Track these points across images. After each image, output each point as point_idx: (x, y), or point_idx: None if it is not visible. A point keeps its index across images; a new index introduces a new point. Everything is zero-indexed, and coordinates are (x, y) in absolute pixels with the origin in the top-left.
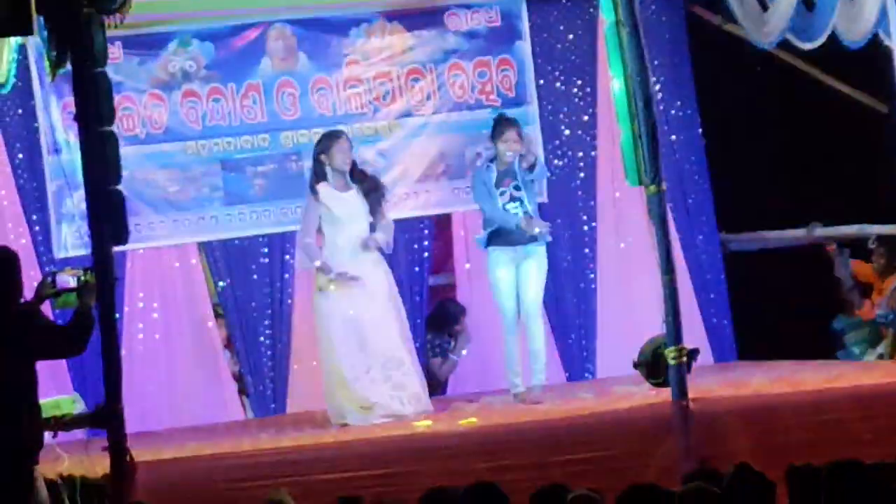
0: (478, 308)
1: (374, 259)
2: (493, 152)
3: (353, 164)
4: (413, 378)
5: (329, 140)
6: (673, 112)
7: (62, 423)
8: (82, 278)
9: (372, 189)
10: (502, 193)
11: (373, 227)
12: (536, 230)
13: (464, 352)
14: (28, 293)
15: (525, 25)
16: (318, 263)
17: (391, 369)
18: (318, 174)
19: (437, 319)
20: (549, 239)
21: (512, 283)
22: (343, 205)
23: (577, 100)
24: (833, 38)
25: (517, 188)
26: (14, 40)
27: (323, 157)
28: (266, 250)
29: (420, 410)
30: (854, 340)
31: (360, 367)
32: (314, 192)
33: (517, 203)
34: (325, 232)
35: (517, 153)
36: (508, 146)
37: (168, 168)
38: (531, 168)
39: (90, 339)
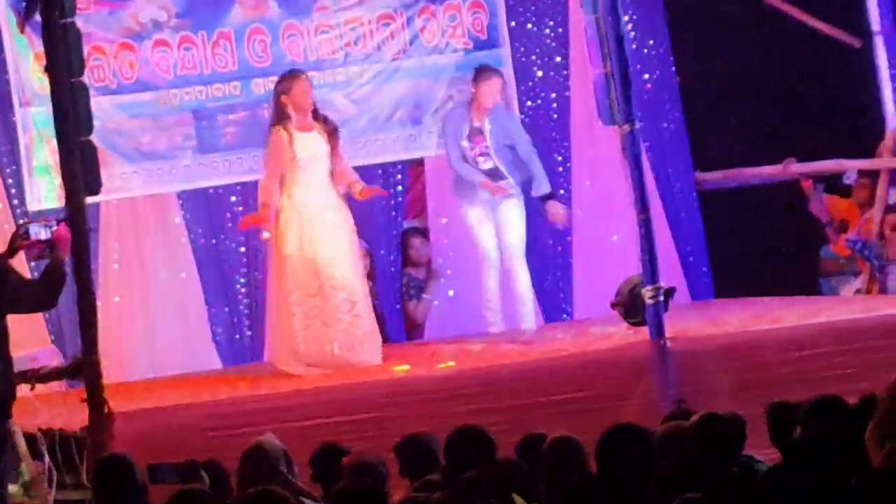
0: (454, 252)
1: (336, 201)
2: (468, 97)
3: (314, 107)
4: (363, 323)
5: (290, 80)
6: (646, 51)
7: (40, 376)
8: (55, 229)
9: (332, 130)
10: (473, 148)
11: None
12: (503, 189)
13: (444, 280)
14: (2, 246)
15: None
16: (265, 235)
17: (344, 312)
18: (279, 115)
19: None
20: (518, 195)
21: (490, 224)
22: (305, 145)
23: (549, 41)
24: None
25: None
26: None
27: (284, 97)
28: (239, 198)
29: (366, 360)
30: (832, 271)
31: (312, 314)
32: (271, 133)
33: (486, 158)
34: (287, 174)
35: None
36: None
37: (140, 118)
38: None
39: (61, 292)
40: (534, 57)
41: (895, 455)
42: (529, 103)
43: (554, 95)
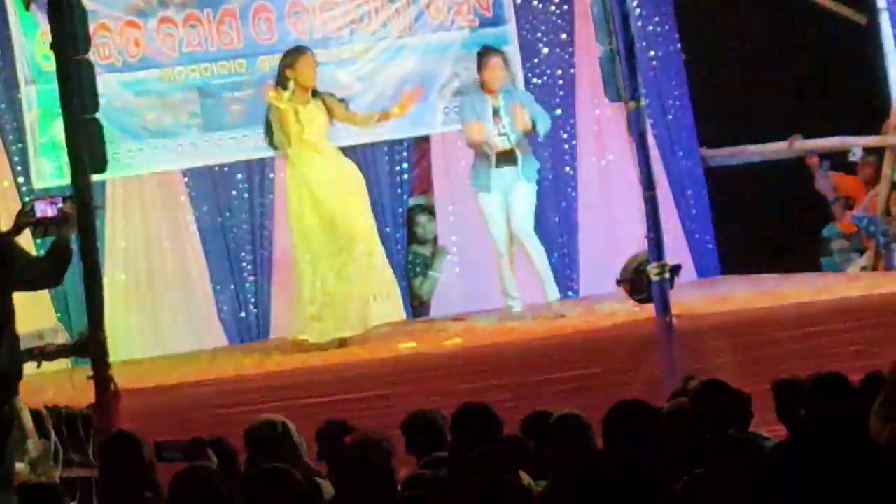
0: (461, 228)
1: (340, 162)
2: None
3: (314, 89)
4: (380, 276)
5: (295, 54)
6: (651, 28)
7: (46, 353)
8: (61, 207)
9: (334, 99)
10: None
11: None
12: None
13: (451, 257)
14: (8, 224)
15: None
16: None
17: (362, 265)
18: (280, 87)
19: None
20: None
21: (501, 207)
22: (306, 118)
23: (555, 18)
24: None
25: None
26: None
27: (288, 71)
28: (245, 176)
29: (394, 317)
30: (837, 249)
31: (342, 273)
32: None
33: (503, 137)
34: (290, 147)
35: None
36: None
37: (145, 95)
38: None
39: (67, 269)
40: (539, 34)
41: None
42: (535, 80)
43: (560, 72)
